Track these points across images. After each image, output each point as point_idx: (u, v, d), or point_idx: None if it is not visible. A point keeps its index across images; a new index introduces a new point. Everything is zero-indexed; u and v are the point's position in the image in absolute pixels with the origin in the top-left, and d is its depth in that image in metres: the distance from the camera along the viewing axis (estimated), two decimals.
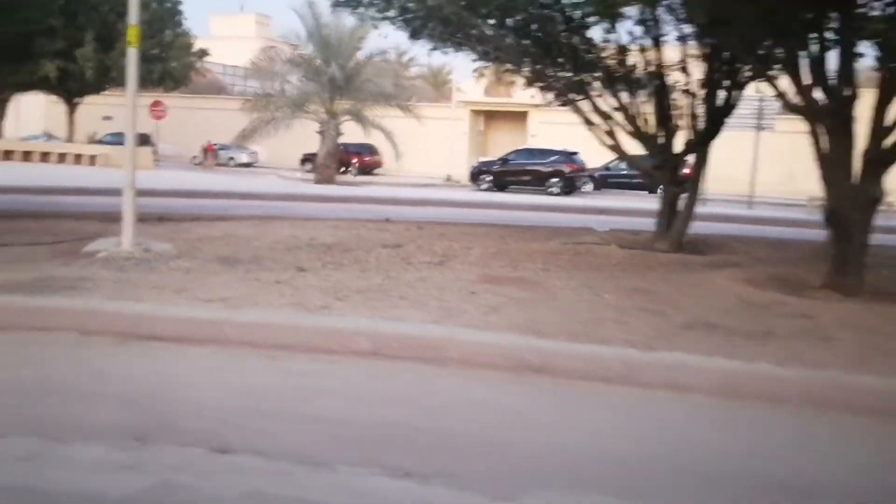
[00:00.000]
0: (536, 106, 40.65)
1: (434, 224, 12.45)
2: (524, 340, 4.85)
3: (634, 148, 11.58)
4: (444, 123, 39.20)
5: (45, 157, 31.50)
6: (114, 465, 3.25)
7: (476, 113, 43.30)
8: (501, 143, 40.64)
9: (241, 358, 4.79)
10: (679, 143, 10.87)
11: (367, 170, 37.19)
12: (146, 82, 37.72)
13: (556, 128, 37.33)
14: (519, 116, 42.35)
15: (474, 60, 13.40)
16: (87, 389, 4.16)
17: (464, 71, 36.27)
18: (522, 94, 38.09)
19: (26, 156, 31.29)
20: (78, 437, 3.47)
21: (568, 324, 5.35)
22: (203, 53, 41.18)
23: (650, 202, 19.16)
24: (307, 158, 36.52)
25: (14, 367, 4.51)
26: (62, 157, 31.44)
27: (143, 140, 39.09)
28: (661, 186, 10.94)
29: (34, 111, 49.03)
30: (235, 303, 5.59)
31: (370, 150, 37.24)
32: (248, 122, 28.33)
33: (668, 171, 10.76)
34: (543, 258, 8.52)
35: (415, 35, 11.36)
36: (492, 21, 10.67)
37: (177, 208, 13.51)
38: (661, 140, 10.80)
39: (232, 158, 40.33)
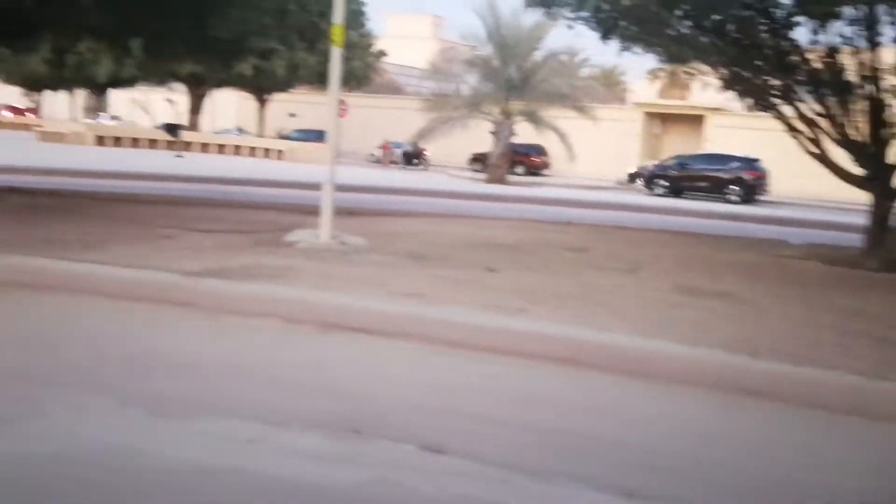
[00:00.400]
0: (714, 109, 39.13)
1: (614, 228, 12.15)
2: (737, 359, 4.55)
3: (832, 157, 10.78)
4: (615, 125, 38.48)
5: (237, 150, 33.69)
6: (333, 455, 3.30)
7: (649, 115, 42.18)
8: (674, 147, 39.37)
9: (441, 356, 4.79)
10: (893, 154, 9.99)
11: (534, 171, 37.08)
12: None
13: (733, 132, 35.72)
14: (694, 120, 40.90)
15: (662, 61, 12.96)
16: (298, 377, 4.28)
17: (636, 72, 35.45)
18: (699, 97, 36.88)
19: (220, 149, 33.60)
20: (296, 425, 3.56)
21: (783, 344, 4.97)
22: (381, 54, 42.55)
23: (840, 215, 17.87)
24: (476, 158, 36.95)
25: (228, 352, 4.71)
26: (252, 151, 33.52)
27: (325, 137, 41.02)
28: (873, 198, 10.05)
29: (227, 107, 52.48)
30: (433, 299, 5.62)
31: (538, 150, 37.14)
32: (425, 121, 29.02)
33: (879, 183, 9.91)
34: (741, 271, 8.06)
35: (606, 35, 11.09)
36: (688, 21, 10.25)
37: (362, 203, 13.91)
38: (872, 150, 9.97)
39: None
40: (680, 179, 28.83)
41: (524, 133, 29.97)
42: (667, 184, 28.83)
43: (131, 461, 3.12)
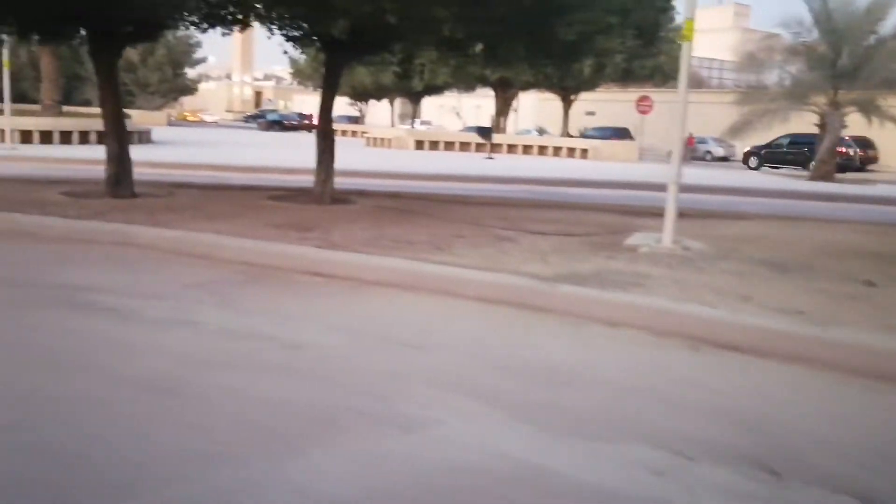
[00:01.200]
0: None
1: None
2: None
3: None
4: None
5: (541, 150, 34.22)
6: (754, 498, 2.92)
7: None
8: None
9: (841, 384, 4.18)
10: None
11: (859, 166, 33.31)
12: (635, 77, 38.80)
13: None
14: None
15: None
16: (686, 398, 3.92)
17: None
18: None
19: (526, 149, 34.35)
20: (703, 456, 3.22)
21: None
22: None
23: None
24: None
25: (602, 364, 4.48)
26: (556, 151, 33.83)
27: (623, 134, 40.43)
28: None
29: (527, 108, 53.77)
30: (816, 317, 5.00)
31: (864, 144, 33.32)
32: (739, 115, 27.24)
33: None
34: None
35: None
36: None
37: (683, 203, 13.25)
38: None
39: (709, 152, 39.50)
40: None
41: (854, 125, 27.00)
42: None
43: (538, 480, 2.99)
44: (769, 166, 33.39)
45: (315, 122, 51.59)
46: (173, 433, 3.27)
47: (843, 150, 31.24)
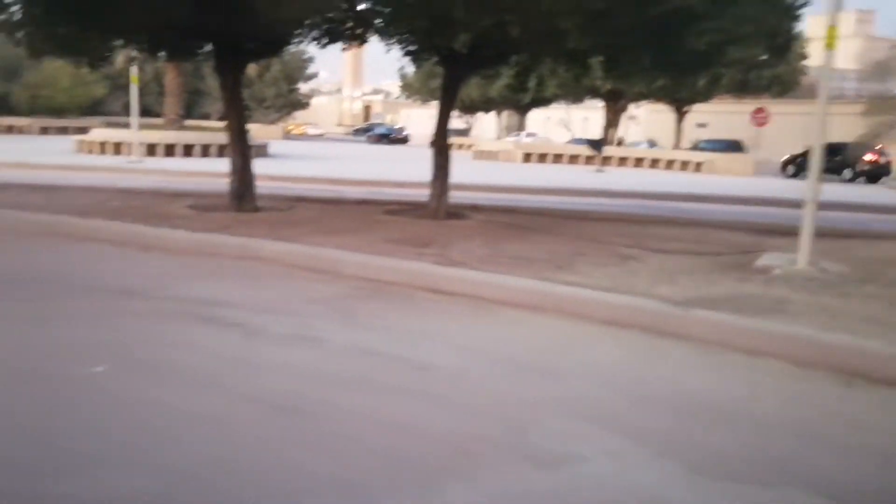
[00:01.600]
0: None
1: None
2: None
3: None
4: None
5: (653, 163, 33.40)
6: None
7: None
8: None
9: None
10: None
11: None
12: (751, 88, 37.42)
13: None
14: None
15: None
16: (839, 438, 3.60)
17: None
18: None
19: (637, 162, 33.60)
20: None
21: None
22: (802, 56, 39.27)
23: None
24: None
25: (745, 398, 4.19)
26: (669, 164, 32.94)
27: (736, 147, 38.99)
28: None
29: (639, 119, 52.73)
30: None
31: None
32: (867, 126, 25.92)
33: None
34: None
35: None
36: None
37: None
38: None
39: None
40: None
41: None
42: None
43: None
44: (807, 174, 32.28)
45: (403, 135, 53.09)
46: (298, 456, 3.19)
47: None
